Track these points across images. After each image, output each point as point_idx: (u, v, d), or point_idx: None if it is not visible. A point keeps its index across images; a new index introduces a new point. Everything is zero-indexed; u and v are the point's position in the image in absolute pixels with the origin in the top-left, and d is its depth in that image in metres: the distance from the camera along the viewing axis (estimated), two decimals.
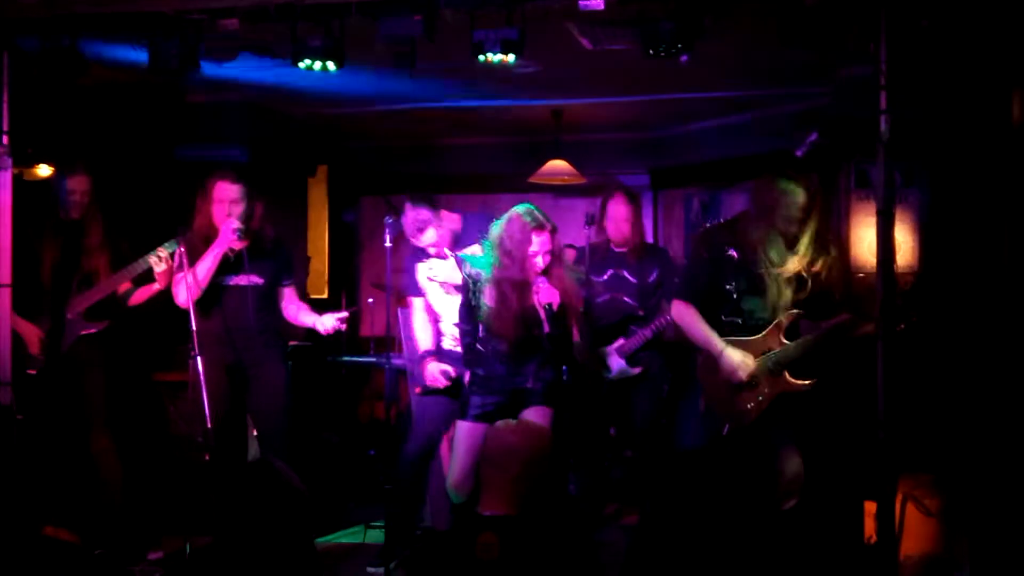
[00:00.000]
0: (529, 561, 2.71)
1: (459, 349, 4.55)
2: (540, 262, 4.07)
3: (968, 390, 4.45)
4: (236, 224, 4.42)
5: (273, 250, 4.67)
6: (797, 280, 3.90)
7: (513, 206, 4.17)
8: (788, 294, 3.91)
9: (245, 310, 4.53)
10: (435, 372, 4.65)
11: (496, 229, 4.17)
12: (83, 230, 4.65)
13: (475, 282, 4.20)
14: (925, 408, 4.52)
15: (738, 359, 3.88)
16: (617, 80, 5.93)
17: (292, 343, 5.74)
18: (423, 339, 4.76)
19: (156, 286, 4.57)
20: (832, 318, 3.92)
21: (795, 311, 3.93)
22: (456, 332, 4.58)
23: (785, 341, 3.92)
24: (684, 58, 4.08)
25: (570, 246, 6.48)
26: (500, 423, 3.06)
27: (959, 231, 5.01)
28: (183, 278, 4.30)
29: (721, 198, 6.95)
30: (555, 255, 4.13)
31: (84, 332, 4.63)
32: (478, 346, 4.28)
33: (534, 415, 4.19)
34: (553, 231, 4.12)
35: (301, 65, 4.22)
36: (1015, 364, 4.13)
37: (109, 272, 4.62)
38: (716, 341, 3.92)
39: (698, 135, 7.17)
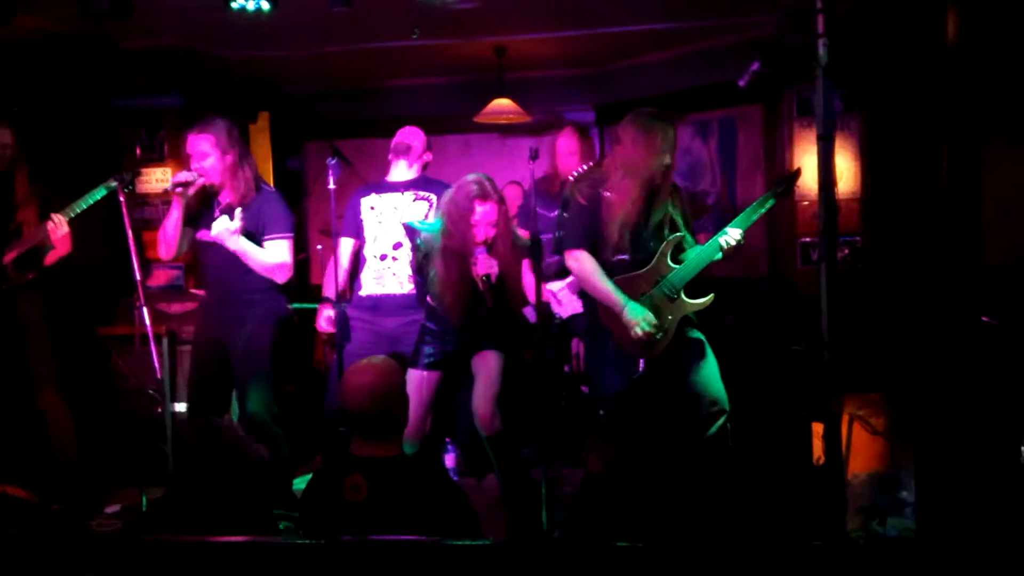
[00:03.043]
0: (395, 503, 2.73)
1: (379, 291, 4.69)
2: (482, 233, 4.04)
3: (912, 309, 4.54)
4: (174, 181, 4.31)
5: (254, 197, 4.38)
6: (671, 207, 4.02)
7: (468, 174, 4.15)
8: (666, 221, 4.02)
9: (223, 266, 4.36)
10: (327, 314, 4.71)
11: (445, 196, 4.16)
12: (10, 182, 4.54)
13: (426, 250, 4.19)
14: (871, 328, 4.60)
15: (637, 316, 3.92)
16: (559, 15, 5.87)
17: None
18: (328, 282, 4.73)
19: (55, 253, 4.51)
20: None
21: (676, 235, 4.03)
22: (378, 271, 4.71)
23: (673, 265, 4.00)
24: None
25: (515, 182, 6.44)
26: (353, 365, 3.01)
27: (900, 154, 5.07)
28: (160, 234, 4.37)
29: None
30: (503, 230, 4.10)
31: (10, 285, 4.54)
32: (429, 300, 4.27)
33: (486, 358, 4.21)
34: (500, 202, 4.08)
35: (233, 5, 4.13)
36: (957, 282, 4.21)
37: (37, 223, 4.53)
38: (618, 296, 3.97)
39: (643, 69, 7.13)
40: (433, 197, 4.67)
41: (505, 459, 4.26)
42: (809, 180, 5.44)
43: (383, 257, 4.77)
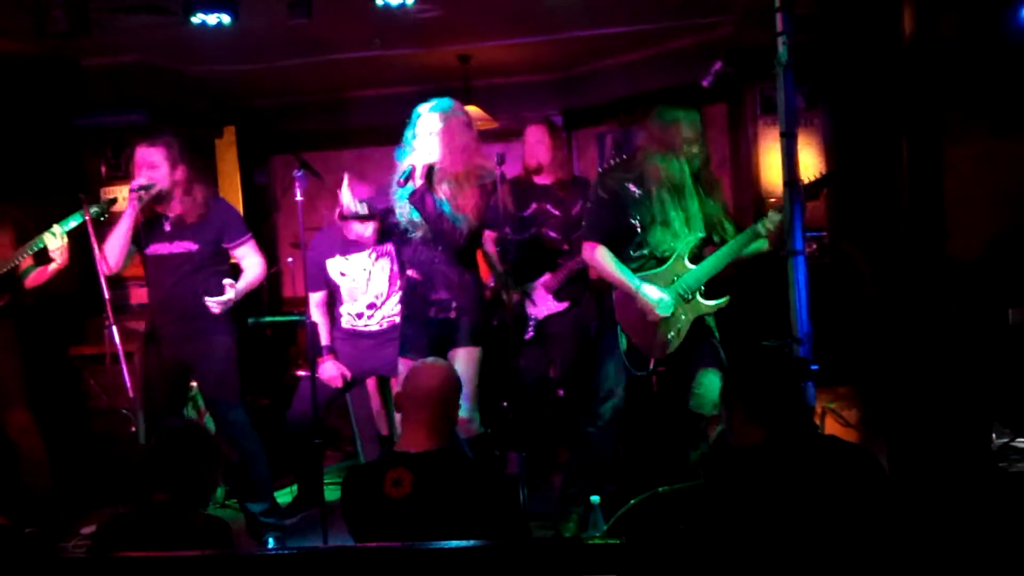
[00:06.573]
0: (441, 498, 2.72)
1: (359, 327, 4.86)
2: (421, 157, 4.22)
3: (879, 302, 4.59)
4: (136, 184, 4.26)
5: (208, 212, 4.40)
6: (696, 206, 3.99)
7: None
8: (696, 216, 3.99)
9: (181, 279, 4.36)
10: (331, 372, 4.86)
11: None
12: None
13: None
14: (840, 322, 4.64)
15: (652, 300, 3.94)
16: (522, 21, 5.90)
17: None
18: (320, 333, 4.91)
19: (53, 265, 4.41)
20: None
21: (697, 235, 4.01)
22: (355, 325, 4.91)
23: (690, 265, 4.00)
24: None
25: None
26: (419, 363, 3.05)
27: (864, 150, 5.12)
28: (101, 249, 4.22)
29: (633, 134, 6.98)
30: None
31: None
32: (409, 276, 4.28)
33: (461, 355, 4.18)
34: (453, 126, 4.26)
35: (194, 20, 4.11)
36: (922, 275, 4.27)
37: (13, 249, 4.47)
38: (630, 281, 3.99)
39: (608, 73, 7.18)
40: (390, 248, 4.69)
41: (483, 460, 4.26)
42: (775, 177, 5.49)
43: (359, 315, 4.96)
